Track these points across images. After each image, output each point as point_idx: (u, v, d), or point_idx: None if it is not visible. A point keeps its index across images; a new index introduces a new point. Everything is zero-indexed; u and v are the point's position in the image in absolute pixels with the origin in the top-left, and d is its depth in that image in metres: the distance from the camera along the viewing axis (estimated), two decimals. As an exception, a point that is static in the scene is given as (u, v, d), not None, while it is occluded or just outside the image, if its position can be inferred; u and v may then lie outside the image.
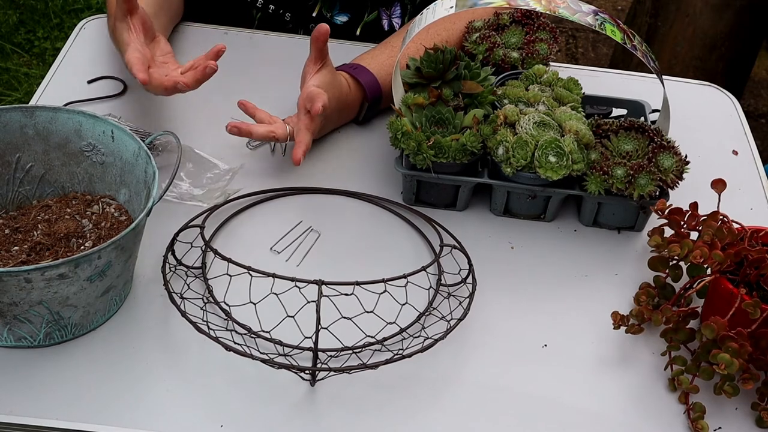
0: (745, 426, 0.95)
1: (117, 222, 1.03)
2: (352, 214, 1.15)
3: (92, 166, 1.06)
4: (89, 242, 1.00)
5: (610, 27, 1.04)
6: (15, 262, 0.97)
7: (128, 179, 1.03)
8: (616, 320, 1.01)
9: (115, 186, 1.06)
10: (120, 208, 1.05)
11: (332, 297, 0.88)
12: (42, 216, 1.03)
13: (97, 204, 1.05)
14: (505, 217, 1.16)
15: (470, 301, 1.00)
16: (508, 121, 1.10)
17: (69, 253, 0.99)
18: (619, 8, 3.20)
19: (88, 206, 1.05)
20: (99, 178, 1.06)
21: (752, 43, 2.43)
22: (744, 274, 0.98)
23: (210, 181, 1.15)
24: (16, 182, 1.06)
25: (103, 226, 1.02)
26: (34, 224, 1.02)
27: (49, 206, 1.05)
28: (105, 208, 1.04)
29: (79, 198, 1.06)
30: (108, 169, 1.05)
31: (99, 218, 1.03)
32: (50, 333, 0.94)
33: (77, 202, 1.06)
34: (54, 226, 1.01)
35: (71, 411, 0.90)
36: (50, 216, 1.03)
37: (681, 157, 1.09)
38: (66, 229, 1.00)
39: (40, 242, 0.99)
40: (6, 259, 0.98)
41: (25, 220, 1.03)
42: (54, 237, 1.00)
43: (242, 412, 0.92)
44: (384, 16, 1.42)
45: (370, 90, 1.21)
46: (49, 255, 0.98)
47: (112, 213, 1.04)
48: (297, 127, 1.14)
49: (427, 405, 0.94)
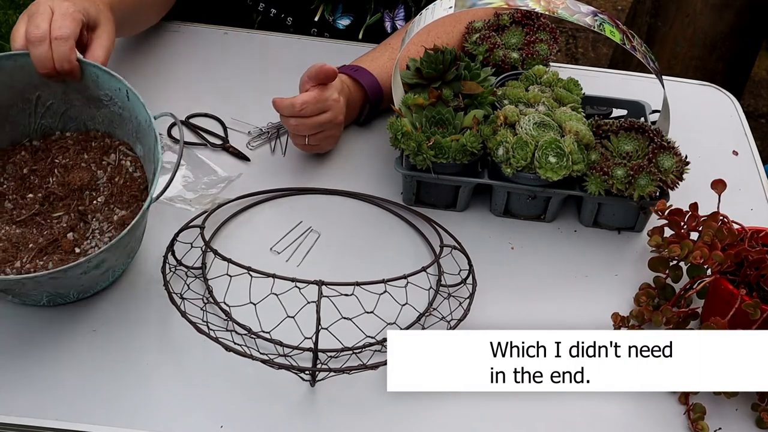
0: (745, 427, 0.95)
1: (131, 179, 1.04)
2: (352, 214, 1.15)
3: (111, 114, 1.06)
4: (101, 197, 1.02)
5: (609, 28, 1.04)
6: (28, 213, 1.01)
7: (143, 140, 1.04)
8: (617, 321, 1.01)
9: (132, 139, 1.06)
10: (136, 161, 1.06)
11: (332, 297, 0.88)
12: (59, 160, 1.05)
13: (115, 152, 1.06)
14: (505, 218, 1.16)
15: (470, 302, 1.00)
16: (508, 121, 1.10)
17: (80, 206, 1.02)
18: (619, 8, 3.20)
19: (105, 154, 1.06)
20: (118, 125, 1.06)
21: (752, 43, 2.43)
22: (744, 274, 0.98)
23: (205, 186, 1.14)
24: (38, 115, 1.07)
25: (117, 182, 1.03)
26: (50, 169, 1.04)
27: (68, 149, 1.06)
28: (121, 160, 1.05)
29: (99, 140, 1.07)
30: (126, 122, 1.05)
31: (114, 171, 1.04)
32: (52, 299, 0.97)
33: (96, 144, 1.07)
34: (69, 176, 1.03)
35: (71, 411, 0.90)
36: (67, 161, 1.05)
37: (681, 158, 1.09)
38: (80, 181, 1.02)
39: (53, 192, 1.02)
40: (21, 207, 1.02)
41: (43, 165, 1.05)
42: (68, 188, 1.02)
43: (242, 412, 0.92)
44: (387, 18, 1.42)
45: (372, 91, 1.21)
46: (62, 207, 1.01)
47: (127, 168, 1.05)
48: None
49: (427, 405, 0.94)
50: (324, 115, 1.12)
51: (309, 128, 1.13)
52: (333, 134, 1.17)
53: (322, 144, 1.17)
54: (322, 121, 1.12)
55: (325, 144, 1.18)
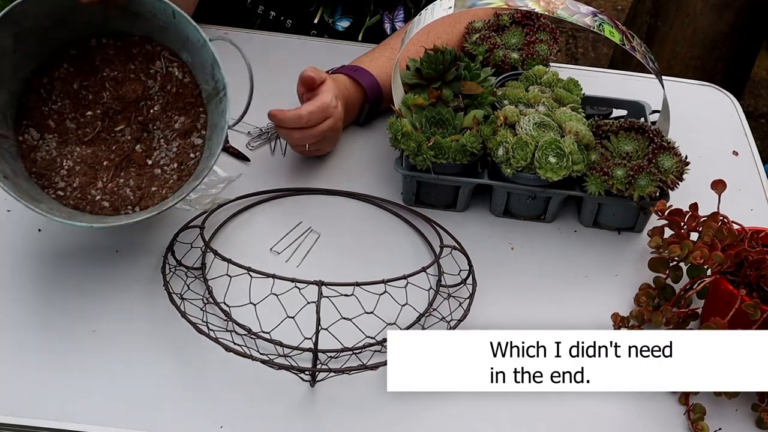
0: (745, 427, 0.95)
1: (182, 86, 1.05)
2: (351, 214, 1.15)
3: (151, 26, 1.04)
4: (157, 106, 1.04)
5: (608, 28, 1.04)
6: (93, 132, 1.03)
7: (191, 52, 1.04)
8: (617, 321, 1.01)
9: (175, 46, 1.06)
10: (182, 67, 1.06)
11: (332, 298, 0.88)
12: (108, 73, 1.05)
13: (159, 59, 1.06)
14: (505, 218, 1.16)
15: (470, 302, 1.00)
16: (508, 121, 1.10)
17: (140, 116, 1.04)
18: (619, 8, 3.20)
19: (150, 62, 1.06)
20: (158, 34, 1.05)
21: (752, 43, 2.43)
22: (744, 275, 0.98)
23: (205, 186, 1.14)
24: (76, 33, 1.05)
25: (170, 91, 1.05)
26: (101, 84, 1.05)
27: (112, 60, 1.06)
28: (168, 67, 1.06)
29: (139, 46, 1.06)
30: (168, 33, 1.04)
31: (164, 80, 1.05)
32: None
33: (137, 52, 1.06)
34: (122, 89, 1.04)
35: (71, 411, 0.90)
36: (116, 74, 1.05)
37: (681, 158, 1.09)
38: (134, 93, 1.04)
39: (111, 107, 1.04)
40: (84, 126, 1.04)
41: (93, 80, 1.05)
42: (124, 101, 1.04)
43: (242, 412, 0.92)
44: (387, 19, 1.42)
45: (372, 92, 1.21)
46: (122, 120, 1.04)
47: (176, 75, 1.06)
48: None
49: (427, 405, 0.94)
50: (326, 123, 1.13)
51: (312, 138, 1.13)
52: (333, 139, 1.18)
53: (321, 149, 1.18)
54: (324, 129, 1.13)
55: (325, 148, 1.18)
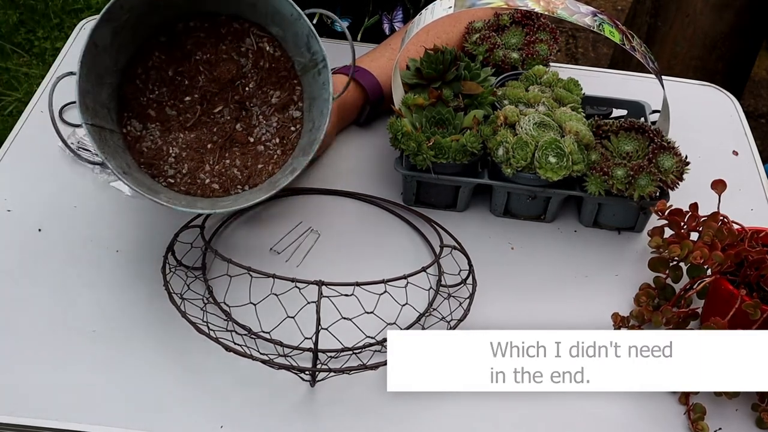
0: (745, 427, 0.95)
1: (275, 60, 1.06)
2: (352, 214, 1.15)
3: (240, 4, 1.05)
4: (252, 83, 1.05)
5: (608, 28, 1.04)
6: (194, 117, 1.04)
7: (281, 25, 1.04)
8: (617, 321, 1.01)
9: (264, 20, 1.06)
10: (272, 41, 1.06)
11: (332, 297, 0.88)
12: (200, 56, 1.06)
13: (249, 36, 1.06)
14: (506, 218, 1.16)
15: (470, 302, 1.00)
16: (508, 121, 1.10)
17: (236, 96, 1.05)
18: (619, 8, 3.20)
19: (240, 40, 1.06)
20: (246, 9, 1.05)
21: (752, 43, 2.43)
22: (744, 274, 0.98)
23: None
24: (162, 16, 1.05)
25: (262, 66, 1.05)
26: (196, 68, 1.06)
27: (204, 43, 1.06)
28: (258, 43, 1.06)
29: (227, 25, 1.07)
30: (259, 9, 1.04)
31: (256, 57, 1.06)
32: None
33: (226, 31, 1.07)
34: (216, 71, 1.05)
35: (71, 411, 0.90)
36: (209, 57, 1.06)
37: (681, 158, 1.09)
38: (229, 73, 1.05)
39: (208, 90, 1.05)
40: (184, 111, 1.05)
41: (187, 65, 1.06)
42: (219, 83, 1.05)
43: (242, 412, 0.92)
44: (386, 20, 1.42)
45: (372, 92, 1.21)
46: (219, 101, 1.04)
47: (267, 50, 1.06)
48: None
49: (427, 405, 0.94)
50: None
51: None
52: (326, 144, 1.19)
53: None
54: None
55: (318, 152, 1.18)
